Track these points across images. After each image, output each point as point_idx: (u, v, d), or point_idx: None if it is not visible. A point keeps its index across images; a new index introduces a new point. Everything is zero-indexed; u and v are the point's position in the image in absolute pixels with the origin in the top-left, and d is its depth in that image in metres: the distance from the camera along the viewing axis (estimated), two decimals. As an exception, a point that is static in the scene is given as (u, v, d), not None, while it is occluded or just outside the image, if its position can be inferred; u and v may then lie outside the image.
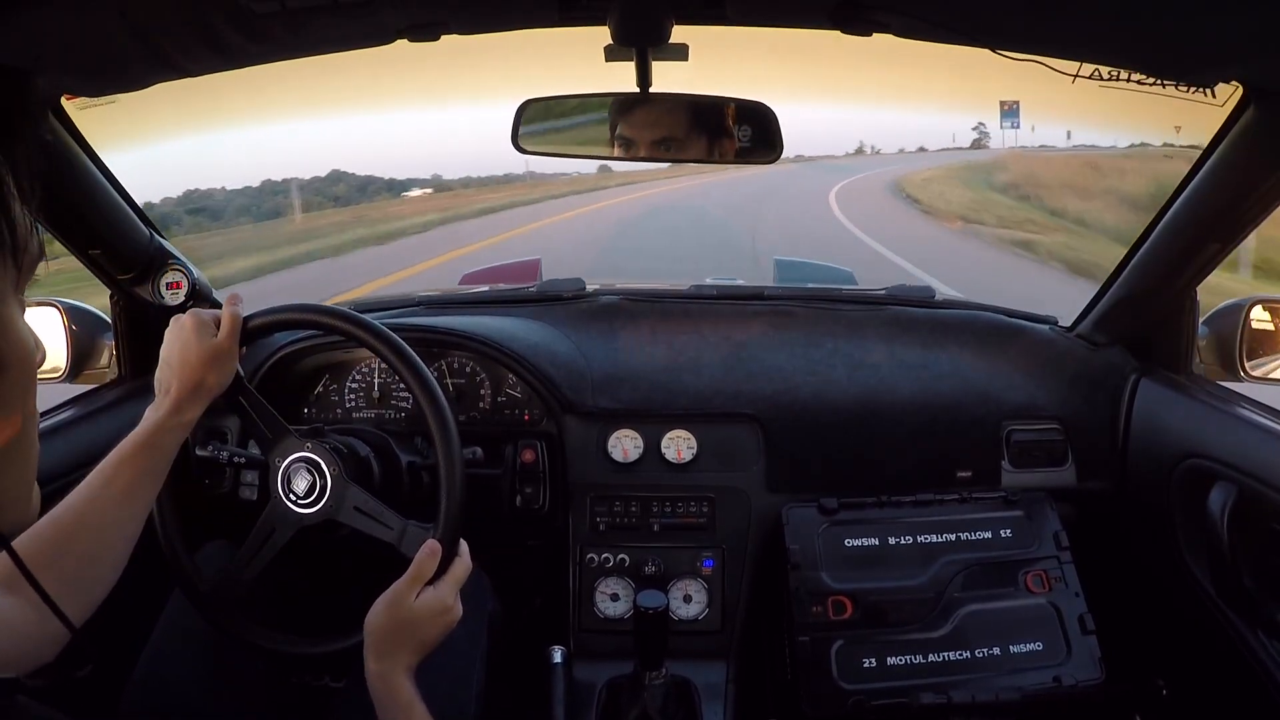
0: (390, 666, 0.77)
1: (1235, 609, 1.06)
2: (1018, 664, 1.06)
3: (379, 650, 0.78)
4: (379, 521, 0.90)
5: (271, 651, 0.94)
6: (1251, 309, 1.18)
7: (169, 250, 1.22)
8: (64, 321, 1.20)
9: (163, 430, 0.82)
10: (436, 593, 0.81)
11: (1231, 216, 1.04)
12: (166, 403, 0.83)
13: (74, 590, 0.70)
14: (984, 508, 1.18)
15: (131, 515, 0.78)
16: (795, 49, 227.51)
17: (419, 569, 0.80)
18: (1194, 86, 0.88)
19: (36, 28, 0.70)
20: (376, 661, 0.78)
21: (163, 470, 0.83)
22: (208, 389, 0.86)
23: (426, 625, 0.79)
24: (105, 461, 0.79)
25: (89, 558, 0.74)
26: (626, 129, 0.98)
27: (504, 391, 1.28)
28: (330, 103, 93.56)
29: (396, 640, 0.78)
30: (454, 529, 0.85)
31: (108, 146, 1.08)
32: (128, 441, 0.80)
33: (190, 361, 0.85)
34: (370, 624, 0.79)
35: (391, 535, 0.89)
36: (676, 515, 1.22)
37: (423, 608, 0.79)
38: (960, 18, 0.84)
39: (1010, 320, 1.39)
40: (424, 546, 0.82)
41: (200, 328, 0.86)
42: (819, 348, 1.31)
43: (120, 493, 0.77)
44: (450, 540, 0.84)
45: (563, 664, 1.08)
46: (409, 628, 0.79)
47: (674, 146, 0.98)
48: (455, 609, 0.82)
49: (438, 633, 0.81)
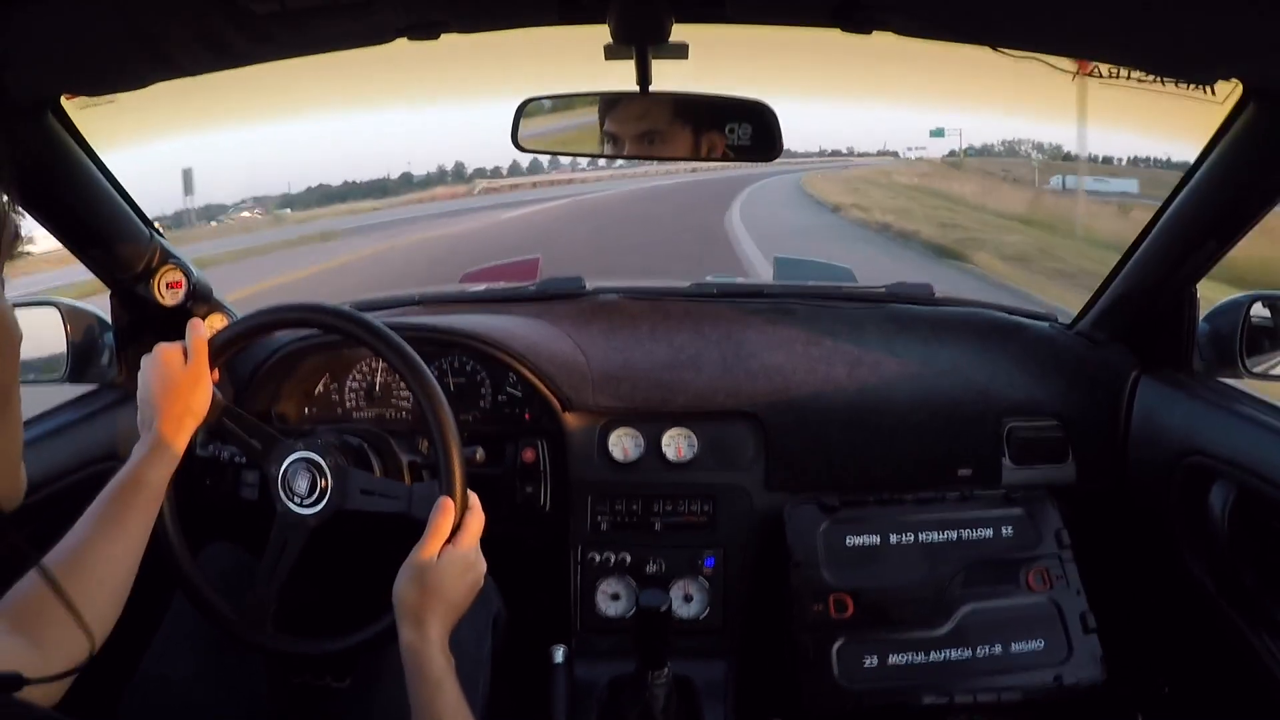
0: (423, 636, 0.76)
1: (1236, 607, 1.06)
2: (1019, 663, 1.06)
3: (410, 619, 0.77)
4: (386, 496, 0.90)
5: (307, 657, 0.94)
6: (1251, 306, 1.17)
7: (169, 250, 1.22)
8: (64, 322, 1.20)
9: (149, 466, 0.82)
10: (457, 549, 0.80)
11: (1231, 214, 1.04)
12: (150, 439, 0.84)
13: (73, 631, 0.69)
14: (985, 505, 1.18)
15: (126, 552, 0.78)
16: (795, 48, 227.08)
17: (435, 527, 0.80)
18: (1193, 84, 0.88)
19: (36, 27, 0.70)
20: (410, 631, 0.77)
21: (154, 505, 0.83)
22: (190, 417, 0.87)
23: (453, 584, 0.79)
24: (96, 502, 0.79)
25: (87, 598, 0.73)
26: (626, 128, 0.98)
27: (504, 390, 1.28)
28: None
29: (426, 605, 0.77)
30: (460, 484, 0.84)
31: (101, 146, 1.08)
32: (116, 481, 0.81)
33: (166, 394, 0.85)
34: (398, 593, 0.78)
35: (400, 505, 0.89)
36: (677, 514, 1.22)
37: (446, 567, 0.78)
38: (960, 16, 0.84)
39: (1010, 317, 1.39)
40: (436, 505, 0.81)
41: (169, 359, 0.87)
42: (819, 345, 1.31)
43: (114, 531, 0.77)
44: (460, 495, 0.84)
45: (564, 663, 1.08)
46: (437, 590, 0.77)
47: (673, 145, 0.98)
48: (479, 564, 0.82)
49: (466, 591, 0.80)
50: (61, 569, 0.73)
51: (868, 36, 0.88)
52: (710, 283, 1.51)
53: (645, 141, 0.98)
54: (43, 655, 0.66)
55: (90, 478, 1.07)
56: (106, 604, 0.75)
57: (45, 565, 0.67)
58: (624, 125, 0.98)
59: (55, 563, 0.74)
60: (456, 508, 0.82)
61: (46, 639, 0.67)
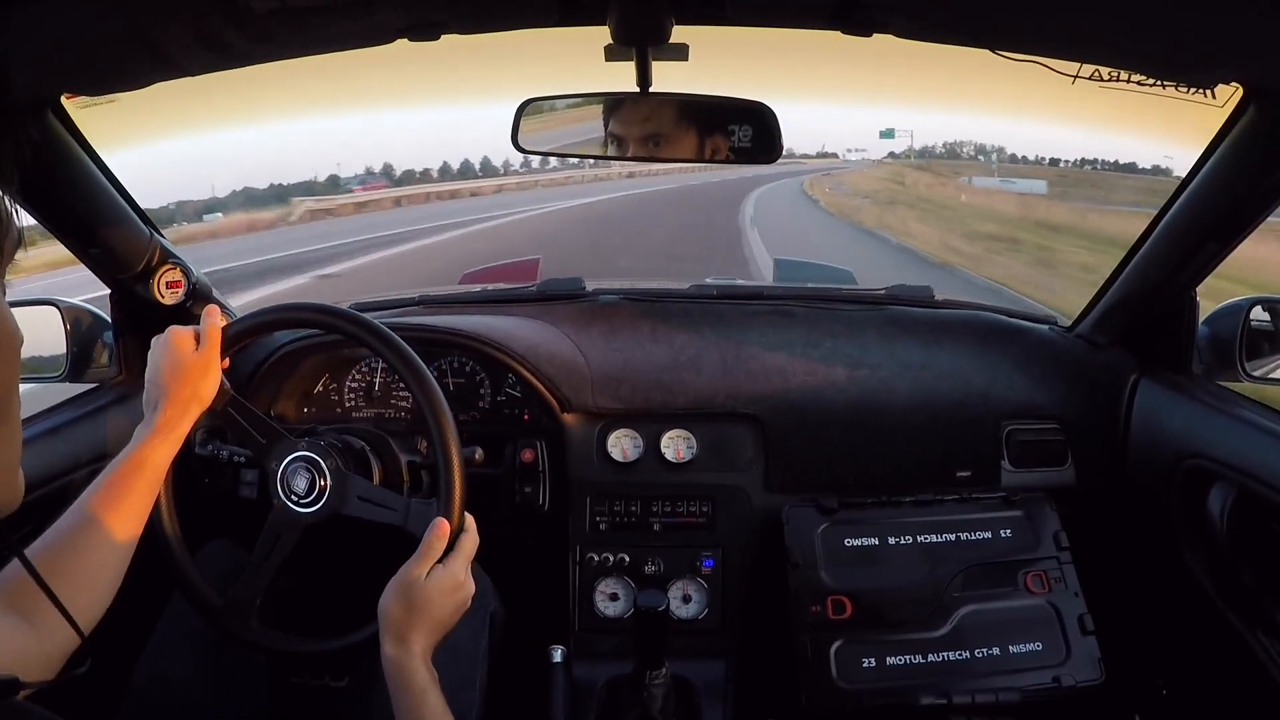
0: (405, 651, 0.76)
1: (1235, 609, 1.06)
2: (1017, 664, 1.06)
3: (394, 634, 0.77)
4: (383, 506, 0.90)
5: (288, 654, 0.94)
6: (1251, 309, 1.18)
7: (169, 249, 1.22)
8: (64, 321, 1.20)
9: (152, 447, 0.82)
10: (448, 569, 0.80)
11: (1231, 217, 1.04)
12: (155, 419, 0.84)
13: (71, 611, 0.70)
14: (984, 508, 1.18)
15: (125, 534, 0.78)
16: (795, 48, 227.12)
17: (427, 547, 0.80)
18: (1194, 87, 0.88)
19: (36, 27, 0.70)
20: (392, 646, 0.77)
21: (154, 487, 0.83)
22: (196, 402, 0.87)
23: (440, 604, 0.78)
24: (96, 482, 0.79)
25: (84, 579, 0.73)
26: (625, 129, 0.98)
27: (504, 391, 1.28)
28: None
29: (411, 622, 0.77)
30: (459, 504, 0.84)
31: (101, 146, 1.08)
32: (118, 461, 0.81)
33: (176, 377, 0.85)
34: (383, 608, 0.78)
35: (396, 517, 0.89)
36: (676, 515, 1.22)
37: (435, 586, 0.78)
38: (960, 17, 0.83)
39: (1010, 320, 1.39)
40: (431, 525, 0.81)
41: (181, 343, 0.87)
42: (819, 347, 1.31)
43: (113, 513, 0.77)
44: (456, 516, 0.84)
45: (563, 663, 1.08)
46: (422, 608, 0.77)
47: (673, 146, 0.98)
48: (468, 585, 0.81)
49: (452, 611, 0.80)
50: (56, 549, 0.73)
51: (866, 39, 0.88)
52: (710, 284, 1.51)
53: (647, 143, 0.98)
54: (36, 635, 0.66)
55: (89, 476, 1.07)
56: (102, 585, 0.75)
57: (27, 556, 0.66)
58: (625, 127, 0.98)
59: (49, 543, 0.73)
60: (452, 525, 0.82)
61: (40, 619, 0.67)
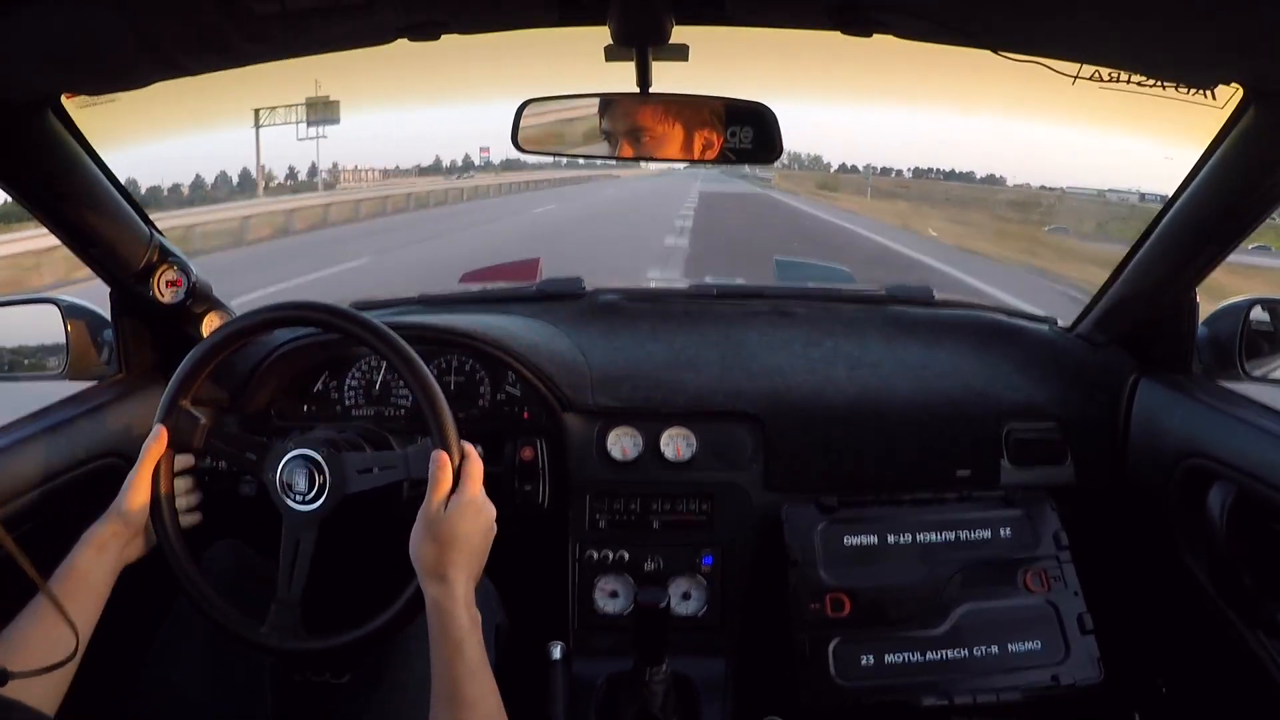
0: (447, 591, 0.76)
1: (1235, 608, 1.06)
2: (1016, 663, 1.07)
3: (432, 573, 0.77)
4: (383, 467, 0.90)
5: (339, 648, 0.92)
6: (1251, 309, 1.18)
7: (169, 248, 1.22)
8: (63, 319, 1.20)
9: (86, 559, 0.84)
10: (463, 495, 0.80)
11: (1232, 218, 1.04)
12: (96, 531, 0.86)
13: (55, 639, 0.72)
14: (983, 506, 1.18)
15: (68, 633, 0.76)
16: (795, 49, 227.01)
17: (436, 481, 0.80)
18: (1194, 88, 0.88)
19: (36, 27, 0.70)
20: (434, 586, 0.77)
21: (97, 599, 0.83)
22: (119, 517, 0.87)
23: (469, 530, 0.79)
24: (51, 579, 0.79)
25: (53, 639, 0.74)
26: (626, 129, 0.98)
27: (503, 389, 1.28)
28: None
29: (445, 557, 0.77)
30: (451, 434, 0.85)
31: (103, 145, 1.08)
32: (65, 565, 0.82)
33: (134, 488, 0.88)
34: (415, 552, 0.78)
35: (399, 472, 0.89)
36: (676, 513, 1.22)
37: (456, 514, 0.79)
38: (960, 18, 0.83)
39: (1010, 320, 1.39)
40: (432, 459, 0.82)
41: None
42: (818, 346, 1.31)
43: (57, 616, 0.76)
44: (454, 446, 0.84)
45: (562, 660, 1.08)
46: (452, 540, 0.78)
47: (673, 146, 0.98)
48: (488, 507, 0.82)
49: (482, 536, 0.80)
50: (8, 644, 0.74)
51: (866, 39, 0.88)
52: (710, 284, 1.51)
53: (647, 143, 0.98)
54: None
55: (89, 474, 1.07)
56: (53, 682, 0.75)
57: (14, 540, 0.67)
58: (625, 126, 0.98)
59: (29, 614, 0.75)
60: (453, 457, 0.83)
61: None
